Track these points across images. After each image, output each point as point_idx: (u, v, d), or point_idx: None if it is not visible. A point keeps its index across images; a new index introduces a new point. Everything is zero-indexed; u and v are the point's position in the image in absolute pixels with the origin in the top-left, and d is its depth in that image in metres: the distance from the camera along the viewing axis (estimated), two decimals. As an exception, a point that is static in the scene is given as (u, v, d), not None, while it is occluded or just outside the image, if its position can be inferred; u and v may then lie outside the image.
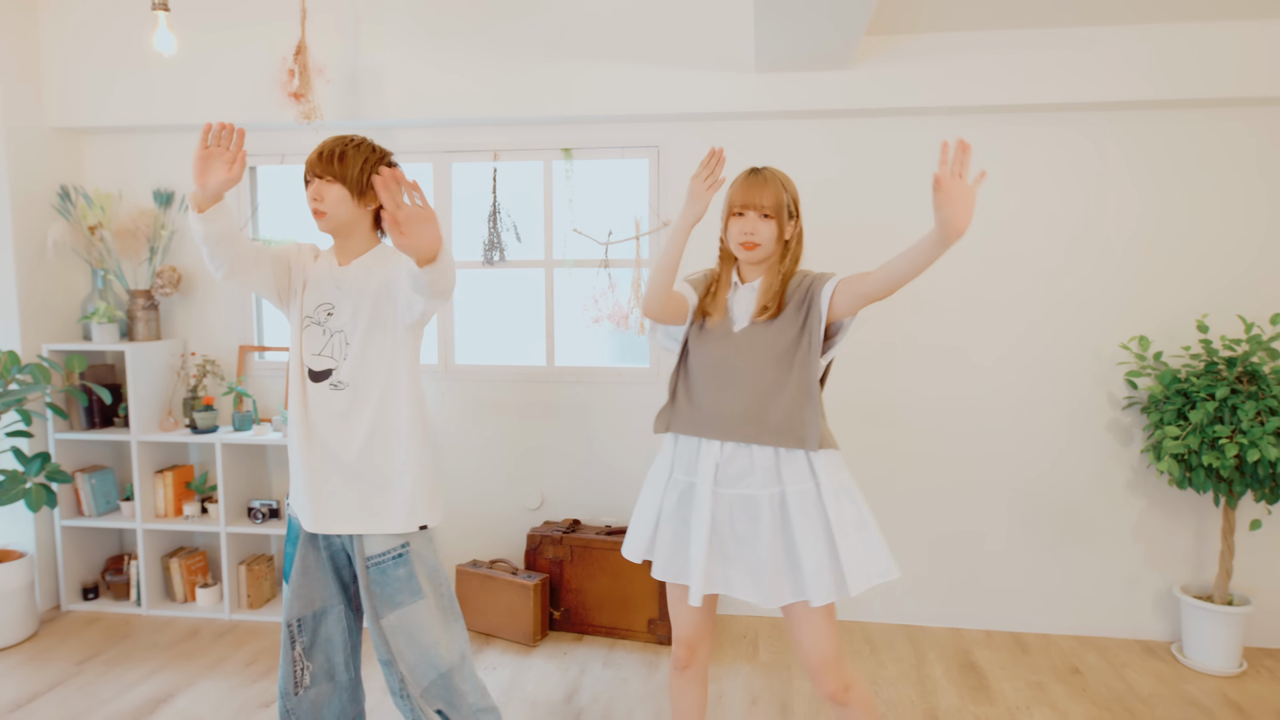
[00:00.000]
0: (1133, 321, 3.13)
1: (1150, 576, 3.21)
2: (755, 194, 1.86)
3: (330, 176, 1.85)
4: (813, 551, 1.84)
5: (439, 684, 1.95)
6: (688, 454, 1.95)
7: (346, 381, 1.89)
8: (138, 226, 3.50)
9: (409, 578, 1.92)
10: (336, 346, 1.91)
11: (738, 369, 1.88)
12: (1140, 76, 2.91)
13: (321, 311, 1.93)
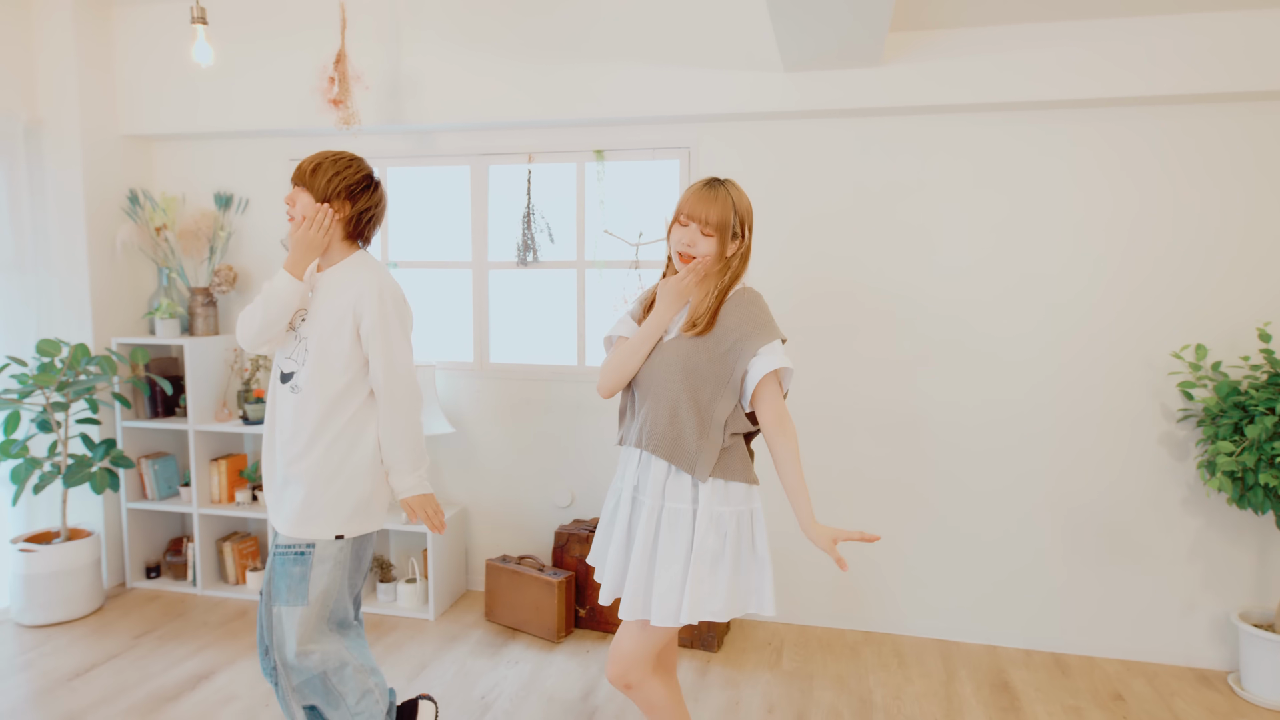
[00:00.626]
0: (1190, 328, 2.93)
1: (1207, 601, 3.01)
2: (703, 207, 1.83)
3: (300, 185, 2.01)
4: (667, 573, 1.83)
5: (314, 683, 2.02)
6: (624, 461, 1.99)
7: (301, 386, 1.99)
8: (199, 227, 3.70)
9: (300, 579, 1.98)
10: (299, 351, 2.01)
11: (656, 379, 1.86)
12: (1193, 68, 2.72)
13: (298, 316, 2.04)
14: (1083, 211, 2.99)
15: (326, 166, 2.00)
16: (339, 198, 2.00)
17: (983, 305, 3.11)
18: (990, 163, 3.04)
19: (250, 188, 3.78)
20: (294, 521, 1.99)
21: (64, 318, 3.62)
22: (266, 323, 1.98)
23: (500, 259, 3.56)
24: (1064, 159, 2.99)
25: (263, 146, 3.74)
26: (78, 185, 3.55)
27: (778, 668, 3.04)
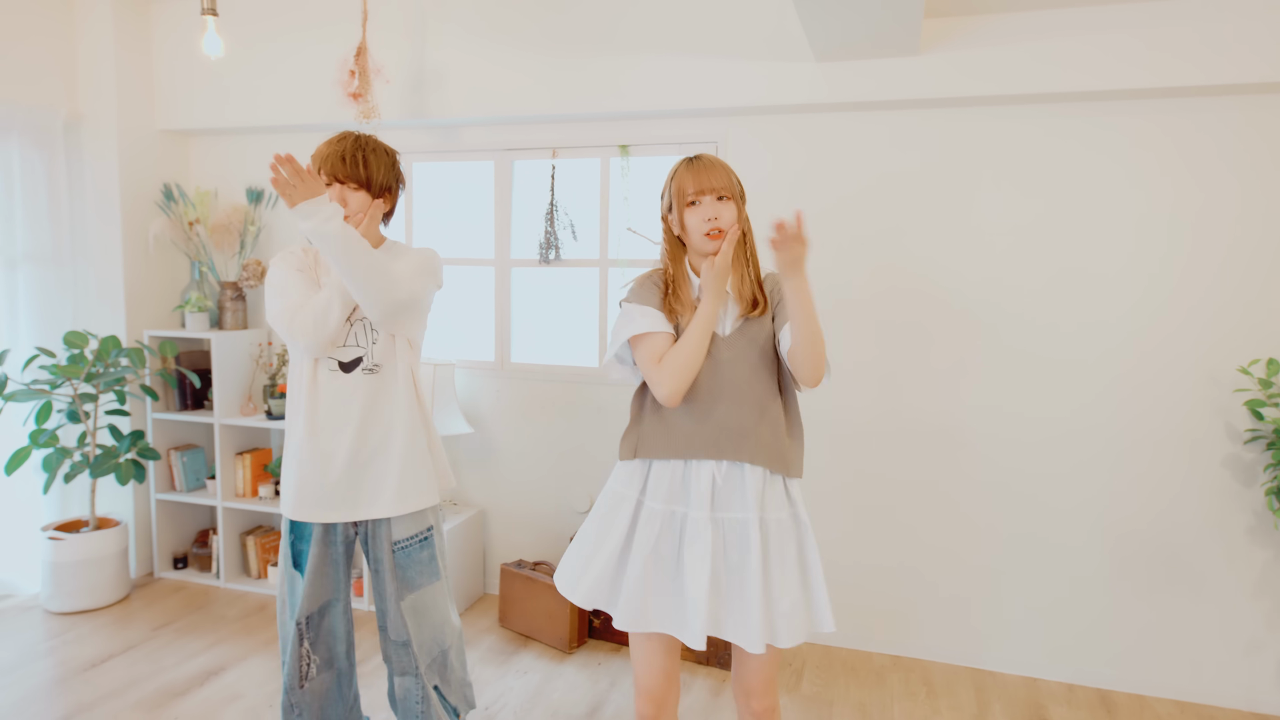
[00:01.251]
0: (1259, 341, 2.67)
1: (1274, 640, 2.74)
2: (705, 177, 1.71)
3: (354, 183, 1.91)
4: (789, 588, 1.67)
5: (440, 660, 2.05)
6: (670, 480, 1.75)
7: (380, 363, 1.94)
8: (231, 222, 3.72)
9: (430, 560, 2.01)
10: (360, 334, 1.95)
11: (730, 376, 1.71)
12: (1257, 56, 2.47)
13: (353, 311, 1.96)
14: (1137, 212, 2.76)
15: (372, 158, 1.92)
16: (389, 190, 1.98)
17: (1028, 313, 2.89)
18: (1035, 159, 2.83)
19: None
20: (400, 500, 1.96)
21: (98, 310, 3.68)
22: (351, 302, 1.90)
23: (523, 256, 3.48)
24: (1117, 155, 2.76)
25: (291, 141, 3.73)
26: (114, 179, 3.59)
27: (797, 691, 2.88)
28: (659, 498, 1.74)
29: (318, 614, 2.04)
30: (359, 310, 1.94)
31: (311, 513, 1.98)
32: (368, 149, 1.92)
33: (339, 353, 1.94)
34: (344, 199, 1.90)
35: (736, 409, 1.71)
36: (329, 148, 1.92)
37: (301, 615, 2.02)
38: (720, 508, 1.72)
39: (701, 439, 1.72)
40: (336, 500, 1.96)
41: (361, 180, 1.91)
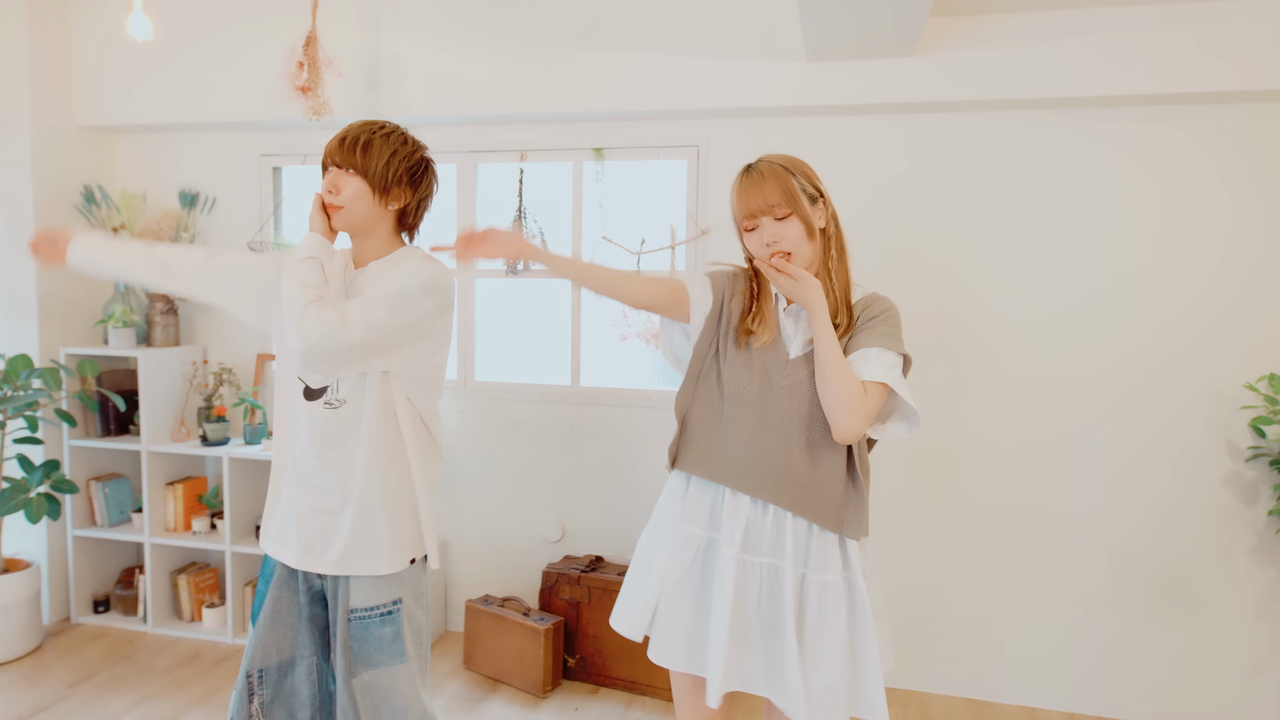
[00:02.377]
0: (1262, 356, 2.60)
1: (1276, 664, 2.66)
2: (756, 193, 1.51)
3: (350, 167, 1.62)
4: (829, 662, 1.47)
5: None
6: (704, 503, 1.58)
7: (344, 398, 1.65)
8: (161, 228, 3.38)
9: (394, 638, 1.68)
10: None
11: (788, 408, 1.51)
12: (1256, 62, 2.40)
13: None
14: (1135, 224, 2.67)
15: (379, 144, 1.62)
16: (399, 184, 1.65)
17: (1025, 325, 2.78)
18: (1030, 167, 2.72)
19: (218, 185, 3.45)
20: (348, 560, 1.65)
21: (5, 326, 3.29)
22: None
23: (488, 266, 3.23)
24: (1112, 163, 2.67)
25: (232, 141, 3.42)
26: (25, 180, 3.22)
27: (791, 732, 2.69)
28: (696, 520, 1.57)
29: (276, 671, 1.75)
30: None
31: (271, 545, 1.74)
32: (378, 135, 1.63)
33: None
34: (336, 185, 1.63)
35: (784, 446, 1.51)
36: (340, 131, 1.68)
37: (253, 667, 1.72)
38: (752, 549, 1.53)
39: (739, 469, 1.52)
40: (291, 539, 1.70)
41: (357, 166, 1.61)
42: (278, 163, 3.41)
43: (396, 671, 1.68)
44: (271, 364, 3.49)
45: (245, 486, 3.29)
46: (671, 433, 3.06)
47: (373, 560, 1.67)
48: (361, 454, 1.64)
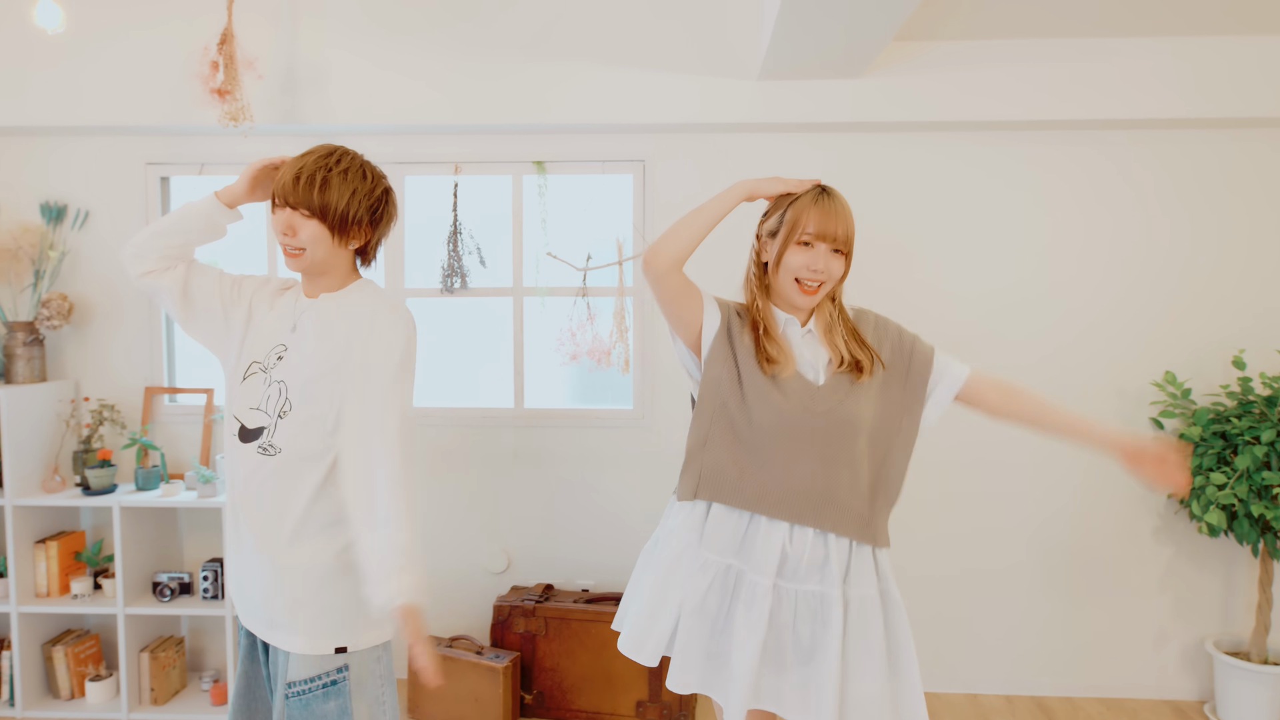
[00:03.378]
0: (1159, 357, 2.91)
1: (1178, 630, 2.98)
2: (831, 223, 1.51)
3: (306, 209, 1.46)
4: (869, 673, 1.49)
5: None
6: (732, 532, 1.55)
7: (280, 447, 1.47)
8: (19, 246, 2.92)
9: (340, 714, 1.47)
10: (273, 400, 1.49)
11: (826, 433, 1.51)
12: (1172, 92, 2.71)
13: (273, 355, 1.52)
14: (1053, 236, 2.92)
15: (336, 182, 1.45)
16: (359, 225, 1.50)
17: (958, 328, 2.95)
18: (966, 183, 2.91)
19: (91, 198, 3.03)
20: (311, 632, 1.46)
21: None
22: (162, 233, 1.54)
23: (420, 285, 3.04)
24: (1034, 184, 2.91)
25: (110, 147, 3.02)
26: None
27: (763, 745, 2.69)
28: (715, 547, 1.55)
29: None
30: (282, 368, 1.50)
31: (237, 605, 1.59)
32: (335, 169, 1.47)
33: (243, 411, 1.51)
34: (292, 227, 1.47)
35: (824, 470, 1.51)
36: (293, 162, 1.50)
37: None
38: (790, 576, 1.52)
39: (777, 496, 1.51)
40: (244, 600, 1.55)
41: (314, 207, 1.45)
42: (167, 172, 3.04)
43: None
44: (164, 399, 3.10)
45: (140, 539, 2.89)
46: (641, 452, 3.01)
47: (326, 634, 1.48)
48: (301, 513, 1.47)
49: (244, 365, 1.54)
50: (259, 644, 1.60)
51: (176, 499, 2.80)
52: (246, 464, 1.49)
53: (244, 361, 1.55)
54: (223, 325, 1.58)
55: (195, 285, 1.57)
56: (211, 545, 3.07)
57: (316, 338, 1.50)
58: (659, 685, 2.77)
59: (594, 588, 3.06)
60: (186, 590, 2.92)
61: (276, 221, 1.49)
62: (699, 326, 1.59)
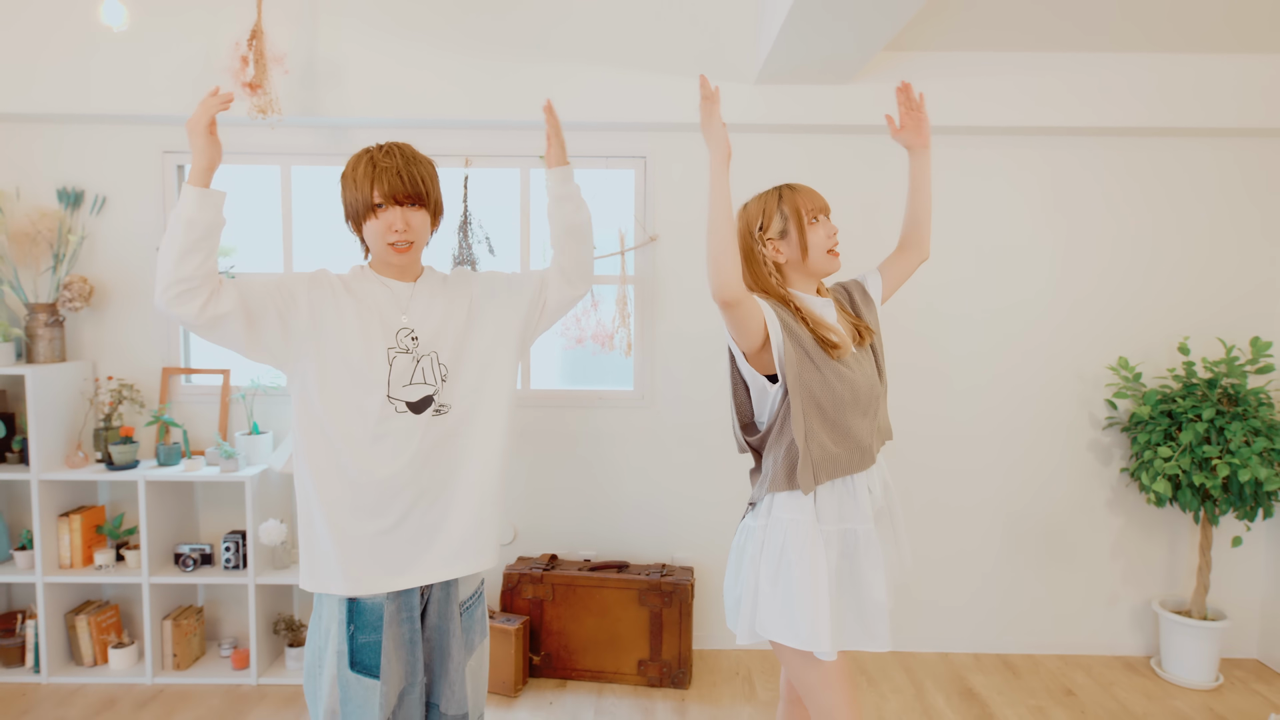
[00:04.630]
0: (1114, 344, 3.18)
1: (1127, 593, 3.27)
2: (817, 197, 1.77)
3: (414, 203, 1.59)
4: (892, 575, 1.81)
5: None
6: (838, 499, 1.70)
7: (449, 404, 1.65)
8: (38, 230, 3.01)
9: (482, 616, 1.80)
10: (429, 371, 1.65)
11: (873, 389, 1.75)
12: (1140, 103, 2.96)
13: (404, 338, 1.64)
14: (1023, 233, 3.17)
15: (425, 172, 1.61)
16: (441, 209, 1.70)
17: (936, 317, 3.20)
18: (940, 184, 3.14)
19: (108, 183, 3.13)
20: (471, 558, 1.67)
21: None
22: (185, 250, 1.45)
23: (431, 272, 3.19)
24: (1006, 184, 3.15)
25: (127, 135, 3.11)
26: None
27: (754, 699, 2.92)
28: (830, 519, 1.70)
29: (398, 709, 1.62)
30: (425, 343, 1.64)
31: (385, 580, 1.59)
32: (415, 160, 1.61)
33: (403, 391, 1.62)
34: (407, 222, 1.58)
35: (874, 417, 1.76)
36: (370, 162, 1.57)
37: (384, 716, 1.58)
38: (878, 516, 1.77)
39: (860, 454, 1.70)
40: (410, 559, 1.61)
41: (421, 198, 1.60)
42: (183, 160, 3.15)
43: (484, 647, 1.79)
44: (182, 379, 3.22)
45: (162, 512, 3.02)
46: (641, 430, 3.20)
47: (487, 553, 1.72)
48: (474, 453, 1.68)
49: (375, 359, 1.60)
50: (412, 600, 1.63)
51: (199, 473, 2.93)
52: (419, 429, 1.62)
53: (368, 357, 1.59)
54: (280, 334, 1.57)
55: (252, 304, 1.54)
56: (229, 519, 3.21)
57: (442, 314, 1.66)
58: (659, 645, 2.99)
59: (595, 558, 3.25)
60: (208, 561, 3.06)
61: (384, 222, 1.57)
62: (764, 331, 1.64)
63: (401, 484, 1.61)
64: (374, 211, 1.58)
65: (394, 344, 1.62)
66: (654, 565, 3.15)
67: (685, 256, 3.16)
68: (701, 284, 3.15)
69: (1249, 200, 3.14)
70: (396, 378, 1.61)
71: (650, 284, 3.17)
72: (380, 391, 1.60)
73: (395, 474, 1.60)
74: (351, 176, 1.60)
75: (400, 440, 1.61)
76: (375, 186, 1.56)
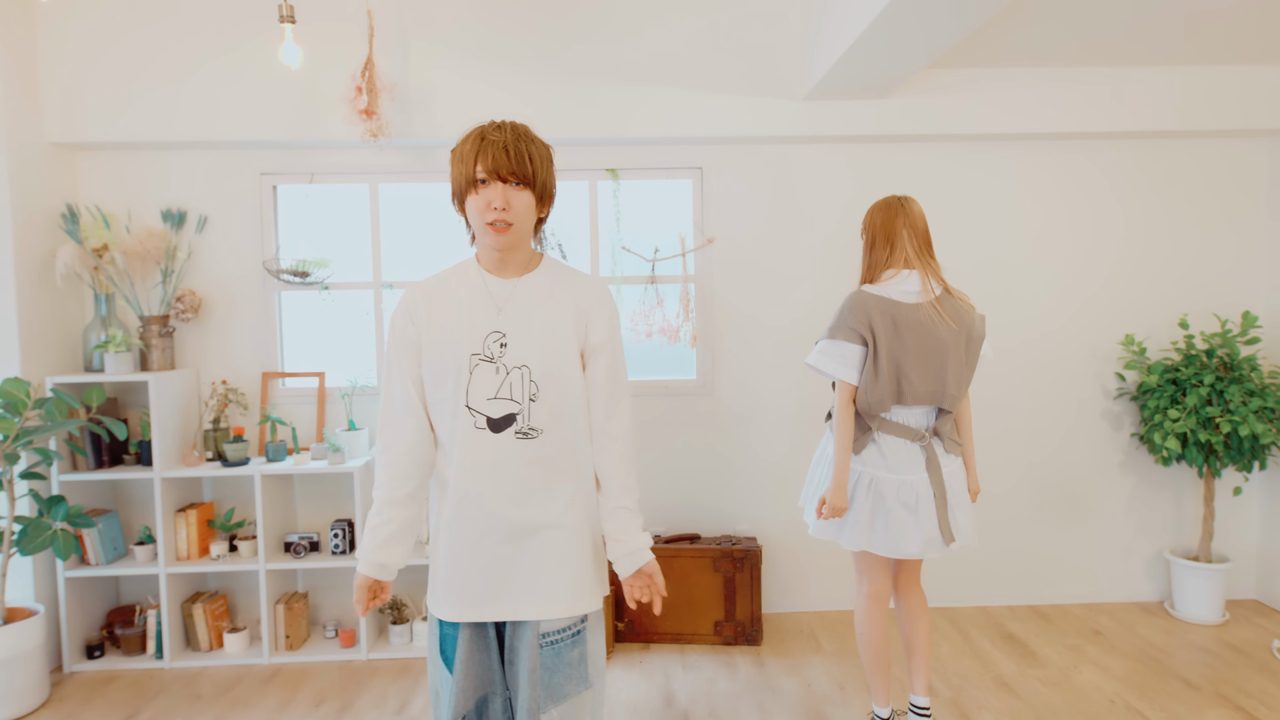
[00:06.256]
0: (1123, 324, 3.59)
1: (1140, 544, 3.66)
2: None
3: (521, 181, 1.50)
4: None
5: None
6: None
7: (539, 429, 1.52)
8: (147, 249, 3.27)
9: (580, 661, 1.58)
10: (517, 386, 1.53)
11: None
12: (1151, 109, 3.37)
13: (492, 344, 1.54)
14: (1042, 229, 3.56)
15: (537, 149, 1.52)
16: (551, 193, 1.58)
17: (961, 308, 3.57)
18: (965, 187, 3.53)
19: (208, 204, 3.40)
20: (565, 598, 1.57)
21: (-16, 355, 3.03)
22: None
23: (510, 277, 3.50)
24: (1025, 185, 3.54)
25: (228, 159, 3.39)
26: (4, 199, 3.01)
27: (821, 651, 3.25)
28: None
29: (474, 713, 1.62)
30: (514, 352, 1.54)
31: (460, 611, 1.58)
32: (525, 138, 1.52)
33: (485, 404, 1.52)
34: (507, 199, 1.49)
35: None
36: (480, 135, 1.52)
37: (456, 715, 1.59)
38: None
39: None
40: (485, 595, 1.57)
41: (526, 177, 1.49)
42: (278, 181, 3.43)
43: (583, 701, 1.57)
44: (279, 382, 3.49)
45: (275, 504, 3.28)
46: (704, 414, 3.52)
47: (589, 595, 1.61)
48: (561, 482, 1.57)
49: (459, 362, 1.53)
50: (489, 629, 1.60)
51: (308, 467, 3.20)
52: (501, 451, 1.51)
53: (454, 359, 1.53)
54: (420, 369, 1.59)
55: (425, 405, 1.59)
56: (327, 509, 3.47)
57: (545, 318, 1.55)
58: (732, 607, 3.31)
59: (664, 533, 3.56)
60: (314, 548, 3.32)
61: (484, 198, 1.50)
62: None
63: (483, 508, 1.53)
64: (475, 186, 1.50)
65: (479, 349, 1.52)
66: (721, 537, 3.47)
67: (739, 256, 3.51)
68: (755, 280, 3.50)
69: (1238, 194, 3.57)
70: (477, 388, 1.52)
71: (708, 282, 3.51)
72: (458, 400, 1.51)
73: (476, 494, 1.52)
74: (460, 151, 1.53)
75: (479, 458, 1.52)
76: (479, 160, 1.48)
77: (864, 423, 2.33)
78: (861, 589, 2.48)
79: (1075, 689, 2.89)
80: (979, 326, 2.34)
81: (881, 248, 2.34)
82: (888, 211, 2.35)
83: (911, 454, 2.29)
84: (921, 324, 2.24)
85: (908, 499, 2.28)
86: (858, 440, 2.33)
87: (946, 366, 2.25)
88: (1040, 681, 2.95)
